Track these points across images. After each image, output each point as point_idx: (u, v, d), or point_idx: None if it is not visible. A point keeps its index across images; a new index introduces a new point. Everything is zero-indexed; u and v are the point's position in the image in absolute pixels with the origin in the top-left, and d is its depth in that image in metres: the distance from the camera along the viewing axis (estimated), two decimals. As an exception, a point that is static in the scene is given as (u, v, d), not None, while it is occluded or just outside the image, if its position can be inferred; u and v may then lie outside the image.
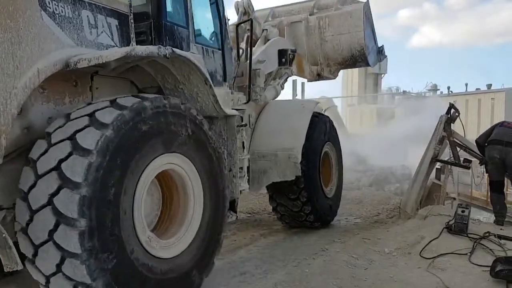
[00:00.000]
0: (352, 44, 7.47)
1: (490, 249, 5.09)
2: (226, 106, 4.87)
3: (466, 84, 36.50)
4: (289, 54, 6.54)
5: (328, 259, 5.31)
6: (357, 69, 41.74)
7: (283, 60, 6.53)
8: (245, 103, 5.91)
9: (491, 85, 33.84)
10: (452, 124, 7.24)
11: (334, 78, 8.13)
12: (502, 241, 5.30)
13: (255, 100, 6.19)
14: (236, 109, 5.30)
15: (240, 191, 5.33)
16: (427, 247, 5.32)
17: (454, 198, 8.40)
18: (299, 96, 24.13)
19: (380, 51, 7.97)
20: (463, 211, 5.67)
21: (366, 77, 40.52)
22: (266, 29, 7.48)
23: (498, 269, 4.36)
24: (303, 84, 24.08)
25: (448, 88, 36.90)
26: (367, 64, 7.68)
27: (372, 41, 7.71)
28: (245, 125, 5.53)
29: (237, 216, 5.01)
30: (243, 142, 5.44)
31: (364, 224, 7.81)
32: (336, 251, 5.72)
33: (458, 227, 5.58)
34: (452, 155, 7.17)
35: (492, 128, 6.83)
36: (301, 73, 7.87)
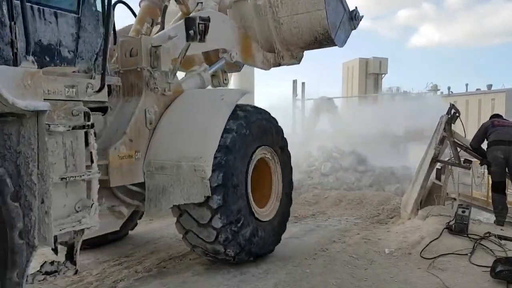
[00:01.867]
0: (313, 26, 6.00)
1: (491, 250, 5.09)
2: (25, 94, 2.84)
3: (467, 85, 36.49)
4: (199, 23, 4.39)
5: (328, 259, 5.31)
6: (357, 69, 41.85)
7: (191, 32, 4.46)
8: (97, 91, 3.75)
9: (491, 85, 33.83)
10: (452, 124, 7.25)
11: (299, 63, 6.81)
12: (503, 242, 5.31)
13: (154, 89, 4.57)
14: (93, 102, 3.72)
15: (83, 229, 3.42)
16: (427, 248, 5.32)
17: (455, 199, 8.40)
18: (299, 97, 24.17)
19: (353, 17, 6.51)
20: (463, 212, 5.68)
21: (367, 77, 40.55)
22: (201, 2, 5.96)
23: (499, 270, 4.36)
24: (303, 84, 24.08)
25: (449, 88, 36.87)
26: (335, 45, 6.34)
27: (340, 14, 6.26)
28: (90, 126, 3.42)
29: (77, 270, 3.55)
30: (90, 153, 3.47)
31: (365, 224, 7.81)
32: (336, 251, 5.72)
33: (458, 227, 5.58)
34: (452, 156, 7.17)
35: (485, 131, 6.85)
36: (250, 61, 6.25)
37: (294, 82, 24.09)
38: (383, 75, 41.65)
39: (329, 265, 5.08)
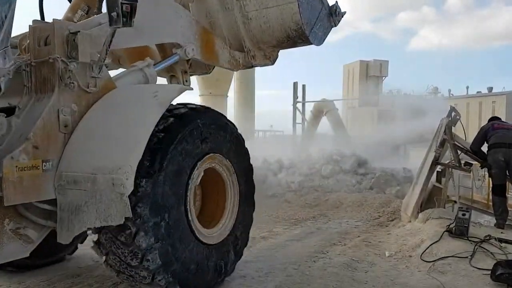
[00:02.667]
0: (284, 22, 5.30)
1: (491, 253, 5.08)
2: None
3: (467, 87, 36.57)
4: (122, 3, 3.56)
5: (328, 262, 5.31)
6: (358, 72, 41.94)
7: (113, 15, 3.59)
8: None
9: (492, 88, 33.87)
10: (453, 127, 7.24)
11: (272, 64, 6.08)
12: (503, 245, 5.30)
13: (70, 84, 3.75)
14: None
15: None
16: (427, 250, 5.31)
17: (455, 201, 8.39)
18: (300, 99, 24.21)
19: (333, 13, 5.77)
20: (463, 214, 5.67)
21: (367, 80, 40.58)
22: None
23: (499, 273, 4.35)
24: (304, 86, 24.10)
25: (449, 91, 36.92)
26: (310, 44, 5.67)
27: (317, 9, 5.59)
28: None
29: None
30: None
31: (365, 227, 7.81)
32: (336, 253, 5.72)
33: (458, 230, 5.58)
34: (453, 158, 7.17)
35: (485, 134, 6.85)
36: (213, 60, 5.46)
37: (295, 84, 24.11)
38: (383, 77, 41.74)
39: (329, 267, 5.08)
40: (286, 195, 11.47)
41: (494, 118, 7.42)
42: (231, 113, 20.76)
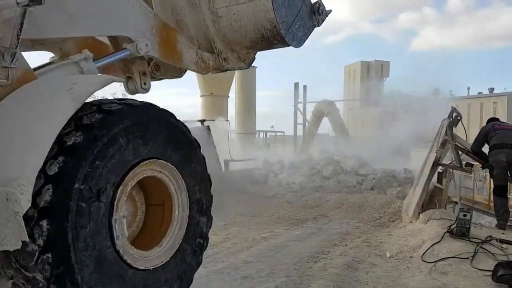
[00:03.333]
0: (257, 20, 4.72)
1: (492, 253, 5.07)
2: None
3: (468, 88, 36.48)
4: None
5: (329, 263, 5.31)
6: (359, 73, 41.92)
7: None
8: None
9: (493, 89, 33.83)
10: (454, 128, 7.24)
11: (247, 67, 5.52)
12: (504, 246, 5.29)
13: None
14: None
15: None
16: (428, 251, 5.31)
17: (456, 202, 8.38)
18: (301, 99, 24.21)
19: (316, 12, 5.20)
20: (465, 215, 5.67)
21: (368, 80, 40.53)
22: None
23: (500, 274, 4.34)
24: (305, 86, 24.10)
25: (450, 91, 36.87)
26: (288, 45, 5.10)
27: (296, 6, 5.02)
28: None
29: None
30: None
31: (366, 228, 7.81)
32: (337, 254, 5.72)
33: (460, 231, 5.57)
34: (454, 159, 7.17)
35: (486, 134, 6.85)
36: (175, 60, 4.81)
37: (296, 85, 24.12)
38: (384, 78, 41.72)
39: (330, 268, 5.08)
40: (287, 195, 11.48)
41: (493, 119, 7.42)
42: (232, 114, 20.79)
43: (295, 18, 4.98)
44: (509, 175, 6.62)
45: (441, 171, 7.54)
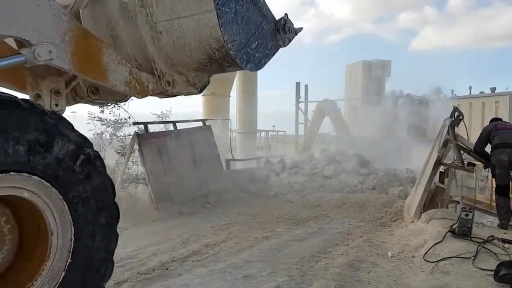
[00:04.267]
0: (202, 38, 3.89)
1: (494, 253, 5.06)
2: None
3: (470, 87, 36.36)
4: None
5: (331, 262, 5.30)
6: (360, 72, 41.92)
7: None
8: None
9: (495, 88, 33.74)
10: (456, 127, 7.23)
11: (199, 92, 4.67)
12: (506, 245, 5.28)
13: None
14: None
15: None
16: (430, 251, 5.30)
17: (458, 202, 8.38)
18: (302, 99, 24.18)
19: (281, 29, 4.36)
20: (466, 215, 5.65)
21: (370, 80, 40.49)
22: None
23: (502, 273, 4.33)
24: (306, 86, 24.09)
25: (452, 91, 36.80)
26: (241, 69, 4.29)
27: (253, 22, 4.11)
28: None
29: None
30: None
31: (368, 227, 7.80)
32: (339, 254, 5.71)
33: (461, 230, 5.56)
34: (456, 159, 7.16)
35: (488, 134, 6.84)
36: (95, 75, 3.90)
37: (297, 84, 24.10)
38: (386, 77, 41.64)
39: (332, 268, 5.07)
40: (288, 195, 11.47)
41: (495, 119, 7.42)
42: (233, 113, 20.76)
43: (251, 36, 4.12)
44: (511, 174, 6.61)
45: (443, 170, 7.53)
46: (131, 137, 9.96)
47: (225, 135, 18.19)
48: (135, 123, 10.58)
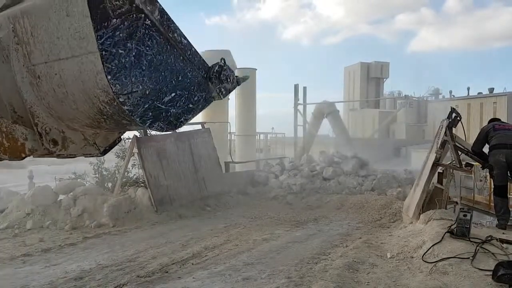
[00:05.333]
0: (87, 87, 2.88)
1: (492, 253, 5.08)
2: None
3: (468, 88, 36.45)
4: None
5: (330, 264, 5.32)
6: (359, 74, 42.01)
7: None
8: None
9: (493, 89, 33.81)
10: (454, 128, 7.25)
11: (102, 154, 3.73)
12: (504, 245, 5.29)
13: None
14: None
15: None
16: (429, 251, 5.31)
17: (456, 202, 8.39)
18: (301, 101, 24.20)
19: (215, 78, 3.40)
20: (465, 215, 5.67)
21: (368, 81, 40.59)
22: None
23: (501, 273, 4.35)
24: (305, 88, 24.12)
25: (450, 92, 36.88)
26: (141, 128, 3.60)
27: (170, 68, 3.13)
28: None
29: None
30: None
31: (366, 229, 7.82)
32: (338, 255, 5.73)
33: (460, 231, 5.57)
34: (454, 159, 7.18)
35: (486, 135, 6.86)
36: None
37: (296, 86, 24.13)
38: (384, 79, 41.73)
39: (331, 269, 5.08)
40: (287, 197, 11.49)
41: (494, 120, 7.44)
42: (232, 116, 20.78)
43: (164, 87, 3.14)
44: (509, 175, 6.63)
45: (441, 171, 7.55)
46: (130, 140, 9.98)
47: (224, 138, 18.20)
48: (134, 127, 10.58)
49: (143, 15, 2.79)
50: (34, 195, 8.57)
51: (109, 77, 2.71)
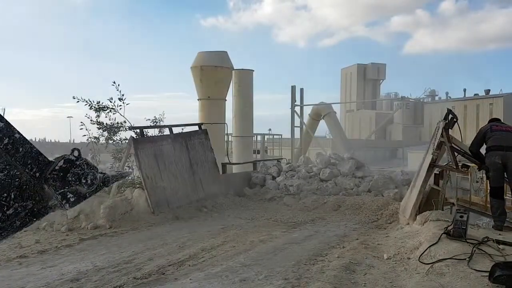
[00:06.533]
0: None
1: (489, 254, 5.09)
2: None
3: (465, 90, 36.62)
4: None
5: (327, 265, 5.32)
6: (355, 75, 42.08)
7: None
8: None
9: (489, 90, 33.98)
10: (450, 129, 7.26)
11: None
12: (501, 246, 5.30)
13: None
14: None
15: None
16: (426, 253, 5.32)
17: (453, 204, 8.41)
18: (298, 102, 24.23)
19: (55, 178, 2.64)
20: (461, 216, 5.68)
21: (365, 83, 40.69)
22: None
23: (497, 274, 4.36)
24: (302, 90, 24.14)
25: (447, 93, 37.01)
26: None
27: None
28: None
29: None
30: None
31: (363, 230, 7.83)
32: (335, 256, 5.73)
33: (456, 232, 5.58)
34: (450, 161, 7.19)
35: (484, 135, 6.86)
36: None
37: (293, 88, 24.15)
38: (381, 80, 41.84)
39: (328, 270, 5.08)
40: (284, 198, 11.50)
41: (494, 120, 7.43)
42: (229, 117, 20.75)
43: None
44: (505, 176, 6.64)
45: (438, 172, 7.56)
46: (127, 141, 9.95)
47: (221, 139, 18.18)
48: (130, 128, 10.58)
49: None
50: (30, 197, 8.53)
51: None
